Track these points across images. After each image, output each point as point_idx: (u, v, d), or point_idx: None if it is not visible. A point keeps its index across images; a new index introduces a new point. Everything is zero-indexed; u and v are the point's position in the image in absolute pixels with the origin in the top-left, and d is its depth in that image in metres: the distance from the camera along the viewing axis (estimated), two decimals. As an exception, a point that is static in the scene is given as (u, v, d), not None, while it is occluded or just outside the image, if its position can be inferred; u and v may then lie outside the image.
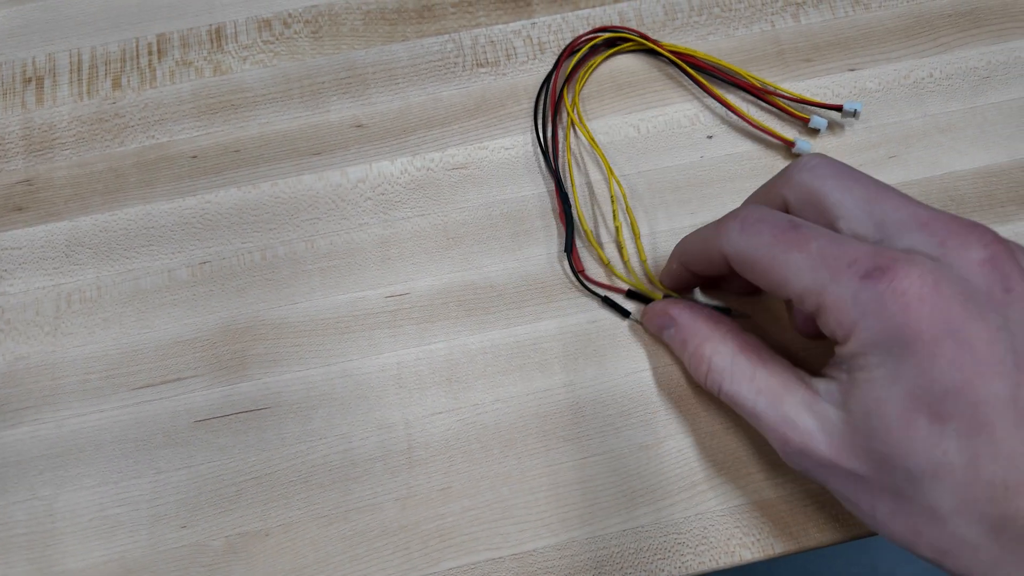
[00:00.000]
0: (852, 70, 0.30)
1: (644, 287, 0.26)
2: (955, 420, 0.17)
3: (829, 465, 0.19)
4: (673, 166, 0.29)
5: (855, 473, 0.18)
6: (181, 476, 0.25)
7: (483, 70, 0.30)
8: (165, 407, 0.26)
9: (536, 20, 0.31)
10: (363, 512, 0.25)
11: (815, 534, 0.24)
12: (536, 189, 0.28)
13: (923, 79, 0.30)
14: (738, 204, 0.24)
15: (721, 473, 0.25)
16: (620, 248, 0.27)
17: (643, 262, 0.27)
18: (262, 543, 0.25)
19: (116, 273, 0.28)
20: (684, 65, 0.29)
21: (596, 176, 0.29)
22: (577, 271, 0.27)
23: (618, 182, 0.28)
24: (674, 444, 0.25)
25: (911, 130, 0.29)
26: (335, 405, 0.26)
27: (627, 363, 0.26)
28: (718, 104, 0.29)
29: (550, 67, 0.30)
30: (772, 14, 0.31)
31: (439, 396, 0.26)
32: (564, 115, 0.29)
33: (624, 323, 0.27)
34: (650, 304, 0.26)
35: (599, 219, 0.28)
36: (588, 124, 0.29)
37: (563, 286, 0.27)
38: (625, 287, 0.27)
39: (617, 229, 0.27)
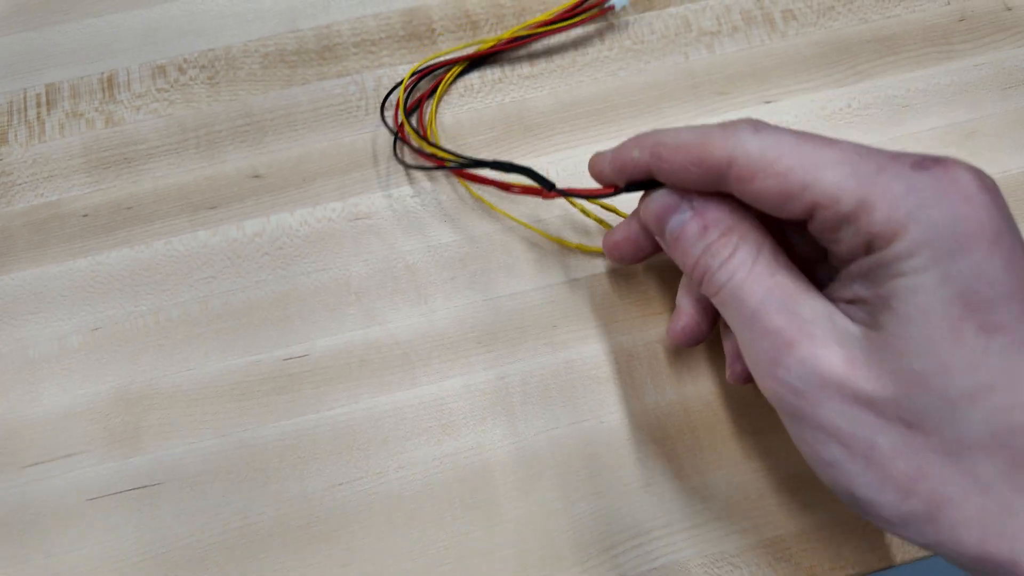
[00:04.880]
0: (768, 102, 0.29)
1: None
2: (1003, 332, 0.15)
3: (836, 384, 0.16)
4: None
5: (867, 398, 0.16)
6: (71, 559, 0.24)
7: (388, 114, 0.29)
8: (55, 486, 0.25)
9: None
10: (261, 591, 0.24)
11: (730, 595, 0.24)
12: (442, 239, 0.27)
13: (840, 110, 0.29)
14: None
15: (635, 536, 0.24)
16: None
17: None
18: (156, 627, 0.24)
19: (3, 343, 0.26)
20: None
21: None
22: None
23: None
24: (586, 507, 0.25)
25: (829, 164, 0.28)
26: (231, 478, 0.25)
27: (538, 420, 0.25)
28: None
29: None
30: (685, 45, 0.30)
31: (339, 465, 0.25)
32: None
33: (535, 379, 0.26)
34: (654, 191, 0.21)
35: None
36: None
37: (468, 342, 0.26)
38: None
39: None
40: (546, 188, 0.22)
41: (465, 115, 0.29)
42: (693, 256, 0.20)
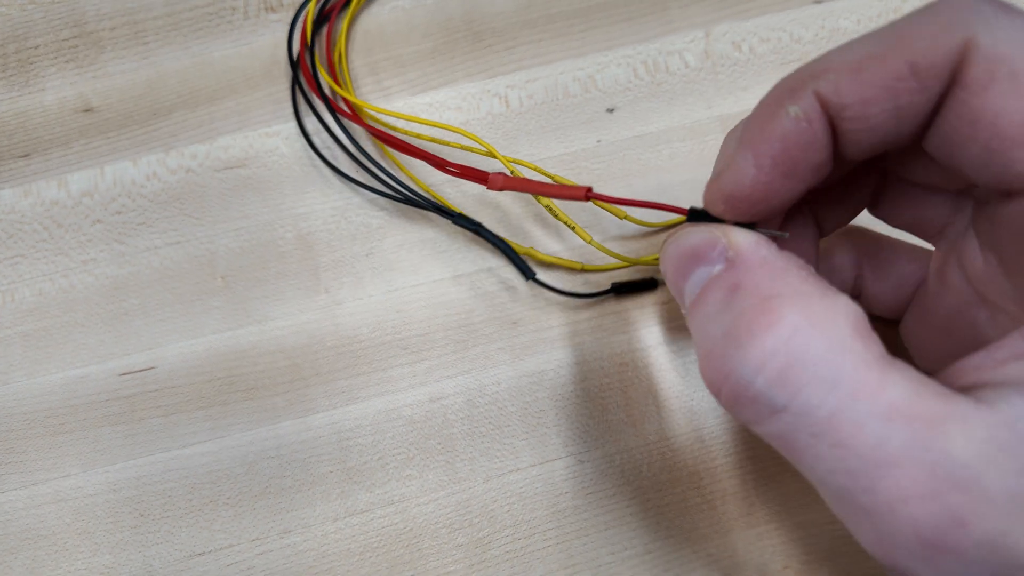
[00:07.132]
0: (818, 2, 0.21)
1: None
2: None
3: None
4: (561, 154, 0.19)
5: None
6: None
7: (275, 16, 0.20)
8: None
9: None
10: None
11: None
12: (351, 196, 0.19)
13: (921, 11, 0.21)
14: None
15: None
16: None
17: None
18: None
19: None
20: None
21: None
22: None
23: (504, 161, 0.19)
24: (557, 585, 0.17)
25: (904, 87, 0.20)
26: (44, 547, 0.17)
27: (489, 461, 0.17)
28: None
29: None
30: (703, -79, 0.21)
31: (198, 528, 0.17)
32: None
33: (486, 401, 0.18)
34: (678, 231, 0.14)
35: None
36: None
37: (388, 347, 0.18)
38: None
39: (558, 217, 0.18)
40: (524, 275, 0.18)
41: (388, 18, 0.20)
42: (723, 325, 0.12)
